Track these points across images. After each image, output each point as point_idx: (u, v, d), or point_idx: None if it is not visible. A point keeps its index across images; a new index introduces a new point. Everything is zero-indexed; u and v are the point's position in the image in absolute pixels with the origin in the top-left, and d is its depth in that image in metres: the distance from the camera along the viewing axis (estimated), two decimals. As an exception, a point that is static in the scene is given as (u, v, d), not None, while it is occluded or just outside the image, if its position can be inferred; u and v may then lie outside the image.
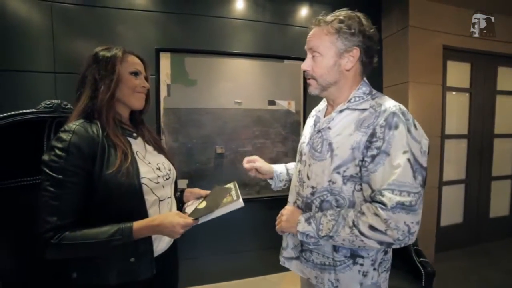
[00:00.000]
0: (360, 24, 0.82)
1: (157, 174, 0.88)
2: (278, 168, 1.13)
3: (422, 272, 1.47)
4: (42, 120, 1.13)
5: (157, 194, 0.86)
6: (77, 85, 0.86)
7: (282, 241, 1.02)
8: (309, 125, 1.00)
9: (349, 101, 0.86)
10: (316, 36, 0.85)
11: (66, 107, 1.18)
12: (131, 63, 0.88)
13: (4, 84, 1.66)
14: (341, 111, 0.86)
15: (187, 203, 1.04)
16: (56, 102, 1.17)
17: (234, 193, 0.91)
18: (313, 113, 1.02)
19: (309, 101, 2.21)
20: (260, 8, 2.15)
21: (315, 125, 0.94)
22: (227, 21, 2.08)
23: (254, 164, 1.09)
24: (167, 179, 0.92)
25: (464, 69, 2.69)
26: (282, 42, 2.20)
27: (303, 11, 2.26)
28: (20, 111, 1.09)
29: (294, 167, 1.04)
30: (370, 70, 0.89)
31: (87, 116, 0.81)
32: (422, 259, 1.52)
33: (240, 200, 0.85)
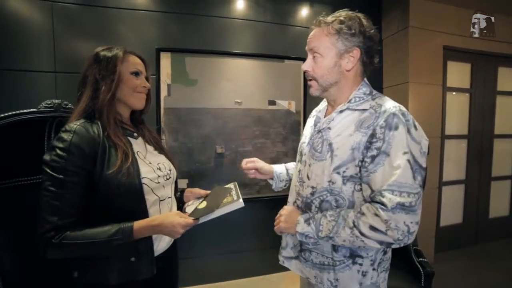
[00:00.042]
0: (361, 25, 0.82)
1: (158, 174, 0.88)
2: (278, 168, 1.13)
3: (422, 272, 1.47)
4: (43, 120, 1.13)
5: (158, 194, 0.86)
6: (78, 85, 0.86)
7: (282, 241, 1.02)
8: (310, 125, 1.00)
9: (349, 102, 0.86)
10: (317, 37, 0.85)
11: (67, 107, 1.18)
12: (132, 63, 0.89)
13: (5, 84, 1.66)
14: (341, 112, 0.86)
15: (187, 203, 1.04)
16: (57, 102, 1.17)
17: (235, 193, 0.91)
18: (314, 113, 1.02)
19: (309, 101, 2.21)
20: (261, 8, 2.15)
21: (316, 125, 0.95)
22: (228, 21, 2.08)
23: (256, 164, 1.09)
24: (168, 179, 0.93)
25: (464, 70, 2.69)
26: (283, 42, 2.20)
27: (304, 11, 2.26)
28: (21, 111, 1.09)
29: (294, 167, 1.04)
30: (371, 71, 0.89)
31: (88, 116, 0.81)
32: (422, 259, 1.52)
33: (241, 200, 0.85)
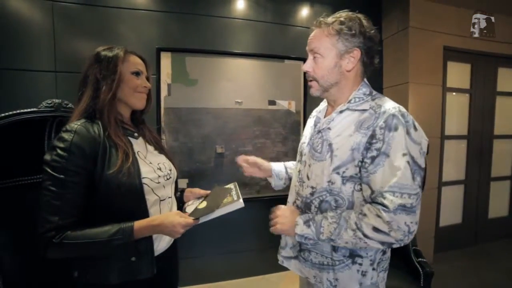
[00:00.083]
0: (361, 26, 0.83)
1: (158, 174, 0.88)
2: (276, 167, 1.14)
3: (421, 272, 1.47)
4: (43, 120, 1.13)
5: (158, 194, 0.87)
6: (79, 85, 0.86)
7: (281, 241, 1.02)
8: (310, 126, 1.01)
9: (349, 102, 0.86)
10: (317, 38, 0.85)
11: (67, 107, 1.18)
12: (133, 63, 0.89)
13: (5, 83, 1.66)
14: (341, 112, 0.87)
15: (188, 203, 1.04)
16: (57, 102, 1.17)
17: (235, 194, 0.91)
18: (314, 114, 1.03)
19: (310, 101, 2.22)
20: (261, 8, 2.15)
21: (315, 126, 0.95)
22: (228, 21, 2.08)
23: (256, 159, 1.11)
24: (168, 179, 0.93)
25: (464, 70, 2.69)
26: (283, 42, 2.20)
27: (304, 11, 2.26)
28: (22, 111, 1.09)
29: (294, 167, 1.04)
30: (371, 71, 0.90)
31: (89, 116, 0.82)
32: (421, 259, 1.52)
33: (241, 201, 0.85)
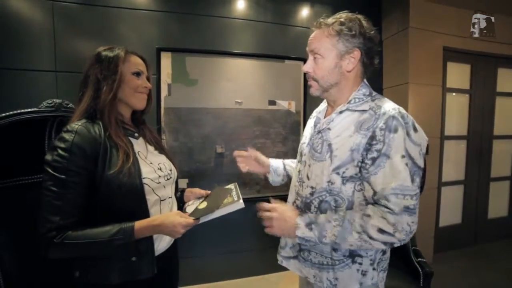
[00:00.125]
0: (361, 26, 0.83)
1: (159, 174, 0.88)
2: (275, 163, 1.16)
3: (420, 272, 1.47)
4: (44, 120, 1.13)
5: (158, 194, 0.87)
6: (80, 85, 0.86)
7: (280, 240, 1.02)
8: (310, 126, 1.01)
9: (349, 103, 0.86)
10: (317, 39, 0.86)
11: (68, 107, 1.18)
12: (134, 63, 0.89)
13: (5, 83, 1.66)
14: (341, 113, 0.87)
15: (188, 203, 1.04)
16: (58, 102, 1.17)
17: (235, 194, 0.91)
18: (314, 114, 1.03)
19: (310, 102, 2.22)
20: (261, 8, 2.15)
21: (315, 126, 0.95)
22: (228, 21, 2.09)
23: (256, 153, 1.13)
24: (168, 179, 0.93)
25: (464, 70, 2.69)
26: (283, 42, 2.20)
27: (304, 12, 2.26)
28: (22, 110, 1.09)
29: (295, 167, 1.05)
30: (371, 72, 0.90)
31: (90, 116, 0.82)
32: (421, 259, 1.52)
33: (241, 201, 0.85)
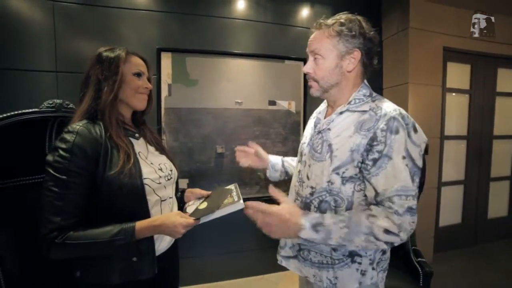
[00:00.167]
0: (361, 27, 0.83)
1: (159, 175, 0.88)
2: (273, 159, 1.17)
3: (420, 272, 1.47)
4: (45, 120, 1.14)
5: (159, 195, 0.87)
6: (80, 86, 0.86)
7: (280, 240, 1.02)
8: (310, 126, 1.01)
9: (349, 103, 0.87)
10: (318, 39, 0.86)
11: (68, 107, 1.19)
12: (134, 64, 0.89)
13: (6, 83, 1.66)
14: (341, 113, 0.87)
15: (188, 203, 1.04)
16: (59, 102, 1.17)
17: (235, 194, 0.91)
18: (314, 115, 1.04)
19: (310, 102, 2.22)
20: (261, 9, 2.15)
21: (316, 126, 0.96)
22: (228, 21, 2.09)
23: (257, 147, 1.14)
24: (169, 180, 0.93)
25: (464, 71, 2.70)
26: (283, 43, 2.20)
27: (304, 12, 2.26)
28: (23, 111, 1.09)
29: (295, 167, 1.05)
30: (371, 72, 0.91)
31: (90, 117, 0.82)
32: (420, 259, 1.52)
33: (241, 202, 0.85)
